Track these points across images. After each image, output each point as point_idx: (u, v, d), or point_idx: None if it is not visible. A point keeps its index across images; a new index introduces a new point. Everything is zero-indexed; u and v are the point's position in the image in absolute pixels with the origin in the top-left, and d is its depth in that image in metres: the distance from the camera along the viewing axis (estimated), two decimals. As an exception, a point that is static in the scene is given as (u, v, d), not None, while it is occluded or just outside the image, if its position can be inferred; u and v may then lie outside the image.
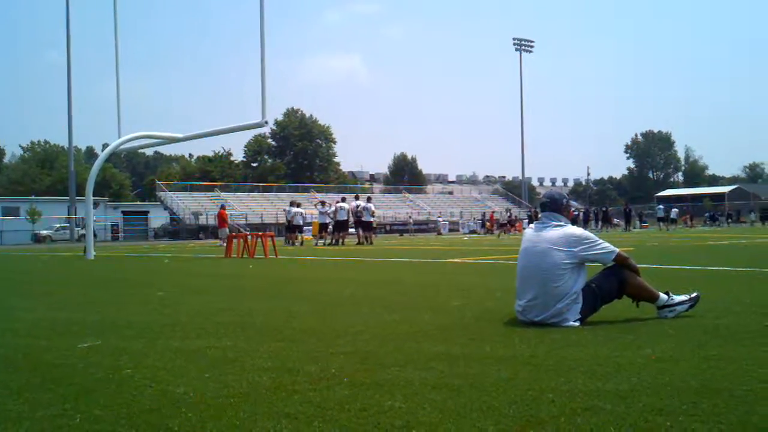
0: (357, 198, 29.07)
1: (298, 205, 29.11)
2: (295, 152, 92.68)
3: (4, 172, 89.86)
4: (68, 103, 54.01)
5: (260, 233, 19.34)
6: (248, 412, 2.72)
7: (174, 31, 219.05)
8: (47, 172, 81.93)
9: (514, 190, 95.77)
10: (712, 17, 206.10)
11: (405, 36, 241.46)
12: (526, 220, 50.53)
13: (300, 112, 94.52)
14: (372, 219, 28.05)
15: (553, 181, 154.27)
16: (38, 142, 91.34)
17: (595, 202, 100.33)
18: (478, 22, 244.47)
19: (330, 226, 28.54)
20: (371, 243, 26.64)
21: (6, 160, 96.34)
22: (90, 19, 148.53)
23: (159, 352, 4.10)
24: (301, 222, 28.53)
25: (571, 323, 4.65)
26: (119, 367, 3.65)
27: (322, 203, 30.21)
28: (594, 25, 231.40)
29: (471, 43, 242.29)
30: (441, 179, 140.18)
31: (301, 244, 27.30)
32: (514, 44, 79.17)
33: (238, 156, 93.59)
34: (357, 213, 27.24)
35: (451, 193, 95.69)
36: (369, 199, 28.62)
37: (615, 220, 52.45)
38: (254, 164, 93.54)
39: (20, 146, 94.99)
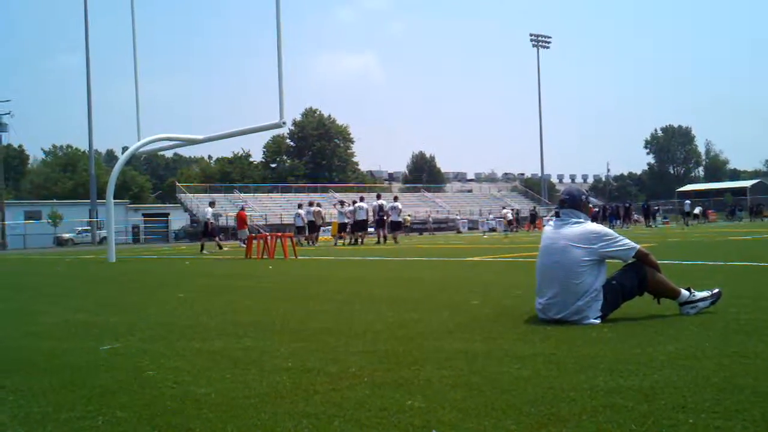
0: (379, 197, 29.08)
1: (300, 206, 29.30)
2: (314, 152, 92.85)
3: (27, 176, 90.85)
4: (88, 107, 54.53)
5: (279, 234, 19.41)
6: (269, 413, 2.73)
7: (191, 34, 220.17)
8: (69, 175, 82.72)
9: (534, 187, 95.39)
10: (731, 11, 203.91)
11: (420, 33, 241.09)
12: (547, 217, 50.37)
13: (318, 112, 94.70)
14: (400, 218, 28.15)
15: (573, 178, 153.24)
16: (60, 146, 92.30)
17: (616, 198, 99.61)
18: (494, 18, 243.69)
19: (349, 226, 28.57)
20: (397, 242, 26.63)
21: (29, 164, 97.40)
22: (108, 24, 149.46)
23: (180, 353, 4.13)
24: (300, 223, 28.60)
25: (592, 321, 4.62)
26: (141, 369, 3.67)
27: (341, 203, 30.26)
28: (611, 19, 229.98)
29: (487, 39, 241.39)
30: (460, 177, 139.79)
31: (300, 244, 27.00)
32: (531, 40, 78.83)
33: (257, 157, 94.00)
34: (381, 213, 27.26)
35: (470, 191, 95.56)
36: (396, 199, 28.75)
37: (635, 216, 52.12)
38: (273, 165, 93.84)
39: (42, 150, 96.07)
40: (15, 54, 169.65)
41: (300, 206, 29.75)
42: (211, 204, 27.51)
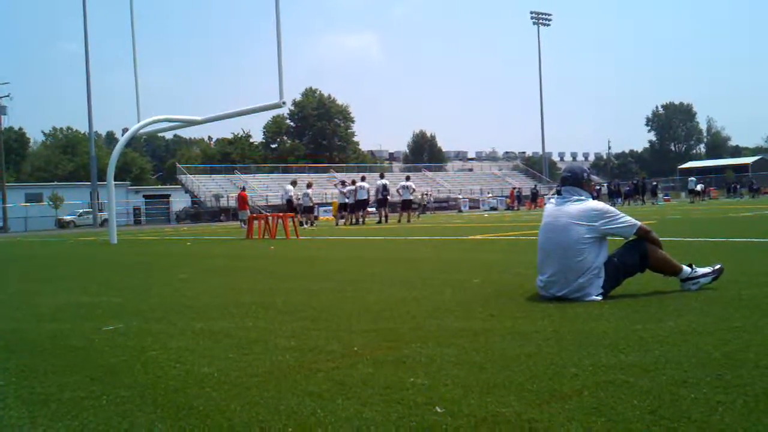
0: (382, 176, 28.99)
1: (309, 186, 28.92)
2: (314, 132, 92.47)
3: (27, 159, 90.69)
4: (87, 90, 54.34)
5: (281, 214, 19.40)
6: (272, 391, 2.74)
7: (190, 15, 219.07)
8: (69, 157, 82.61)
9: (535, 165, 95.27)
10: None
11: (420, 11, 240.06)
12: (548, 195, 50.33)
13: (318, 92, 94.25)
14: (412, 197, 28.16)
15: (574, 156, 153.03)
16: (60, 128, 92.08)
17: (617, 175, 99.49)
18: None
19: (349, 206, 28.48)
20: (409, 221, 26.64)
21: (29, 147, 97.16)
22: (106, 6, 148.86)
23: (183, 333, 4.14)
24: (308, 203, 28.28)
25: (594, 297, 4.63)
26: (144, 349, 3.69)
27: (342, 183, 30.19)
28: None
29: (487, 17, 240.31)
30: (461, 156, 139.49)
31: (301, 225, 26.56)
32: (532, 18, 78.40)
33: (257, 137, 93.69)
34: (384, 192, 27.23)
35: (471, 170, 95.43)
36: (408, 178, 28.78)
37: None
38: (273, 145, 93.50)
39: (42, 132, 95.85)
40: (15, 36, 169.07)
41: (292, 183, 29.48)
42: (293, 183, 27.64)
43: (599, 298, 4.63)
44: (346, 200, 28.13)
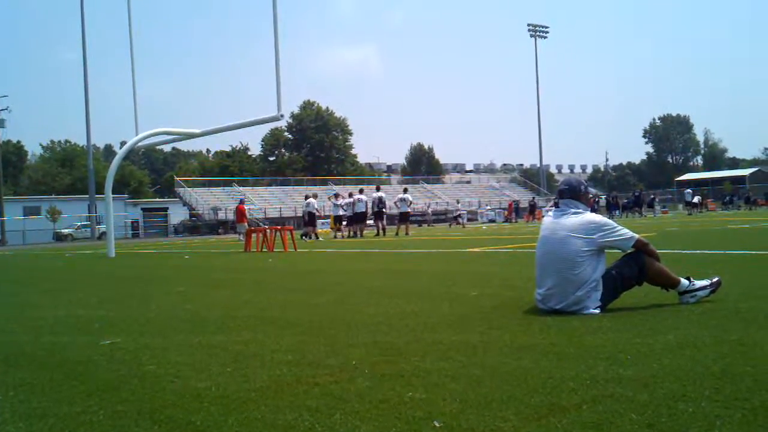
0: (378, 189, 28.95)
1: (312, 196, 28.81)
2: (312, 145, 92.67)
3: (25, 172, 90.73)
4: (86, 103, 54.48)
5: (279, 227, 19.39)
6: (270, 406, 2.73)
7: (188, 28, 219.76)
8: (67, 171, 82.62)
9: (533, 177, 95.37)
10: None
11: (418, 24, 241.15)
12: (546, 208, 50.34)
13: (316, 105, 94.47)
14: (409, 210, 28.08)
15: (572, 168, 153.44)
16: (58, 141, 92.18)
17: (615, 188, 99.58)
18: (492, 8, 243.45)
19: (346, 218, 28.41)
20: (407, 234, 26.48)
21: (27, 160, 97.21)
22: (104, 19, 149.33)
23: (180, 347, 4.12)
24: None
25: (592, 311, 4.62)
26: (141, 363, 3.68)
27: (336, 196, 30.17)
28: (609, 9, 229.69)
29: (485, 29, 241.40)
30: (458, 168, 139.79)
31: (309, 237, 26.45)
32: (529, 30, 78.62)
33: (255, 150, 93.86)
34: (380, 204, 27.22)
35: (468, 182, 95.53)
36: (405, 191, 28.69)
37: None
38: (272, 158, 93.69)
39: (40, 145, 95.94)
40: (13, 50, 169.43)
41: (313, 196, 29.30)
42: (315, 196, 27.71)
43: (597, 311, 4.63)
44: (341, 212, 28.07)
